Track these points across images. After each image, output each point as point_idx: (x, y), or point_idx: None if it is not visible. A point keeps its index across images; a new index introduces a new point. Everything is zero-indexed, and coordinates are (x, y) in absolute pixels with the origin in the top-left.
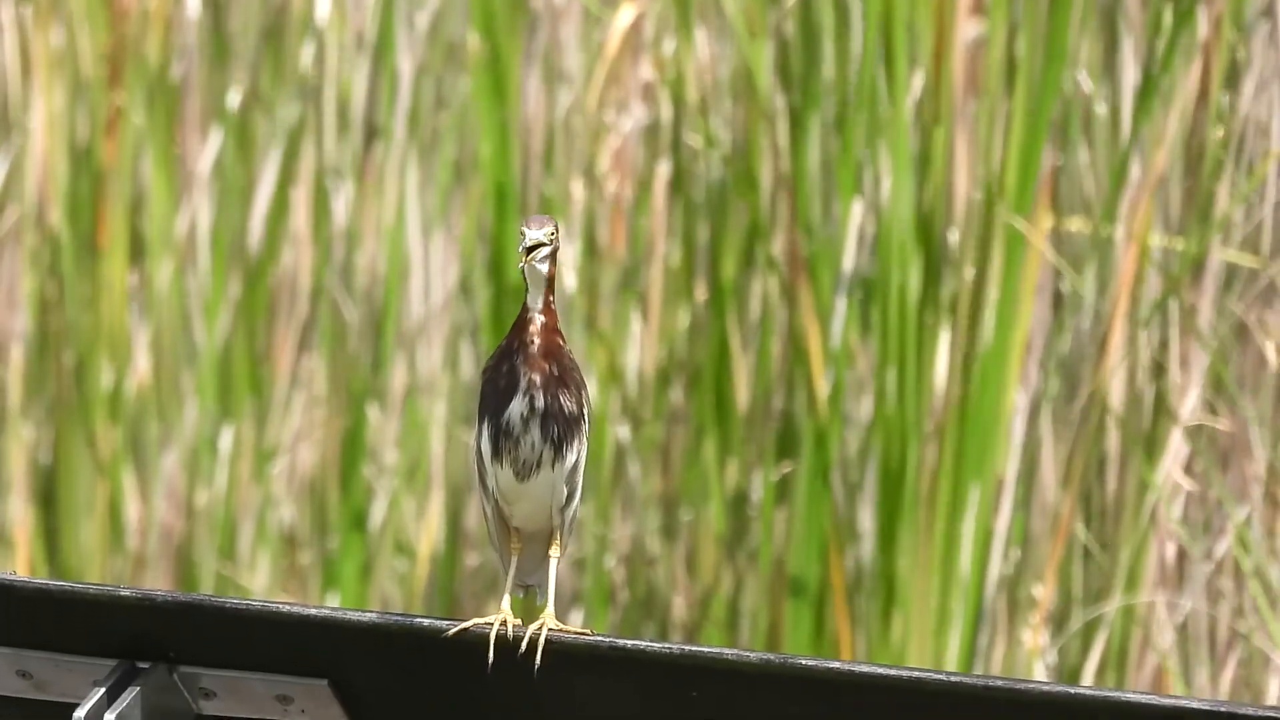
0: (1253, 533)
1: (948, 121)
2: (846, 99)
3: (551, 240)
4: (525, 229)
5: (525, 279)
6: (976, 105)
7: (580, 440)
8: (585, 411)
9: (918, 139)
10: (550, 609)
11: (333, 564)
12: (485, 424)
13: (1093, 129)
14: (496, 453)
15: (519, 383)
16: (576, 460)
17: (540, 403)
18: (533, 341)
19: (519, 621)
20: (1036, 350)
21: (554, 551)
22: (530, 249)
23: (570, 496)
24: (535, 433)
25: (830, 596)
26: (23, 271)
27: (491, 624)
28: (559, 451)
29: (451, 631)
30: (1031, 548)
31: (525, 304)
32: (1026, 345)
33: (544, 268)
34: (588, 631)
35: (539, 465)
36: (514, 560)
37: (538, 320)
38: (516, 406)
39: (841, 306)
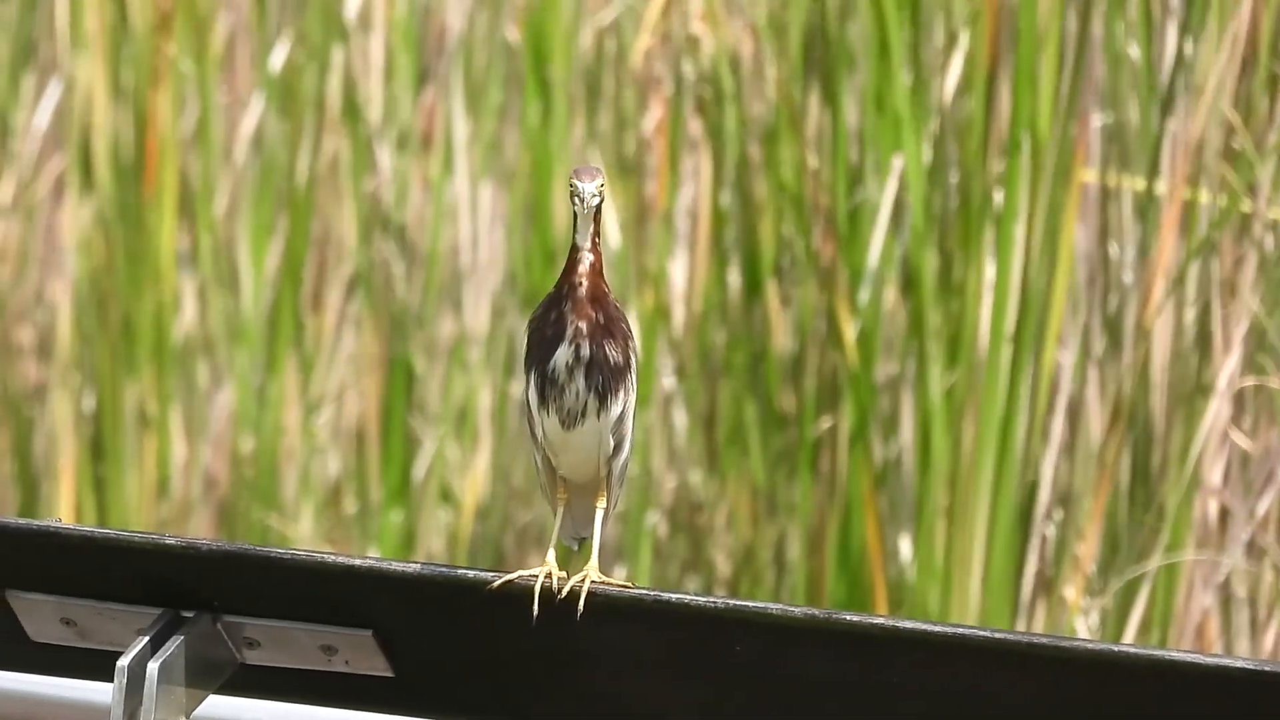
0: None
1: (986, 74)
2: (887, 51)
3: (600, 192)
4: (577, 181)
5: (576, 221)
6: (1016, 57)
7: (627, 391)
8: (632, 362)
9: (958, 92)
10: (594, 561)
11: (377, 515)
12: (532, 372)
13: (1135, 82)
14: (543, 401)
15: (565, 331)
16: (623, 411)
17: (585, 351)
18: (580, 284)
19: (564, 574)
20: (1079, 308)
21: (600, 503)
22: (593, 203)
23: (618, 447)
24: (580, 381)
25: (870, 553)
26: (70, 221)
27: (536, 576)
28: (604, 402)
29: (496, 583)
30: (1074, 505)
31: (574, 243)
32: (1069, 303)
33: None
34: (630, 584)
35: (584, 414)
36: (560, 511)
37: (586, 260)
38: (562, 354)
39: (877, 262)
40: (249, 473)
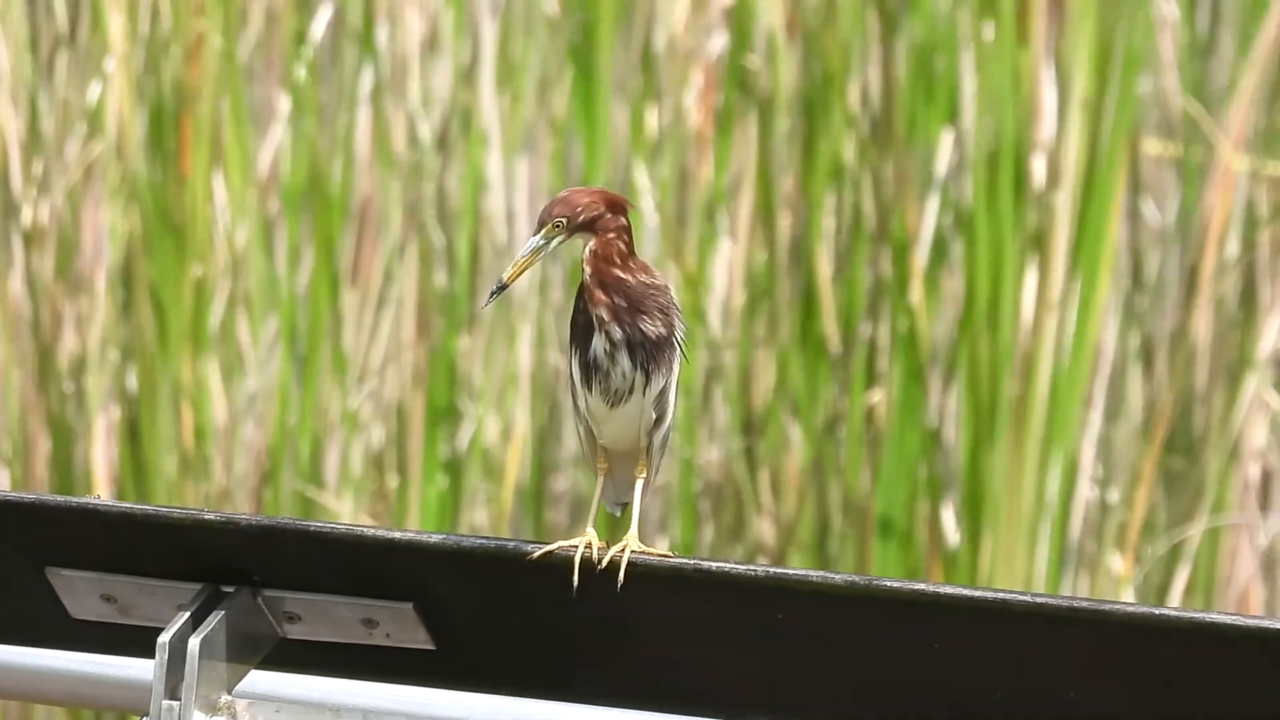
0: None
1: (1034, 45)
2: (934, 23)
3: (546, 238)
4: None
5: None
6: (1063, 28)
7: (670, 364)
8: (677, 329)
9: (1004, 63)
10: (634, 530)
11: (419, 488)
12: (575, 354)
13: (1183, 53)
14: (587, 381)
15: (591, 319)
16: (666, 384)
17: (617, 334)
18: (586, 273)
19: (604, 544)
20: (1125, 276)
21: (642, 474)
22: (499, 288)
23: (660, 419)
24: (625, 362)
25: (917, 523)
26: (107, 201)
27: (576, 546)
28: (650, 378)
29: (536, 554)
30: (1118, 472)
31: None
32: (1115, 271)
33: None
34: (671, 554)
35: (630, 392)
36: (601, 480)
37: (587, 250)
38: (598, 343)
39: (929, 233)
40: (290, 447)
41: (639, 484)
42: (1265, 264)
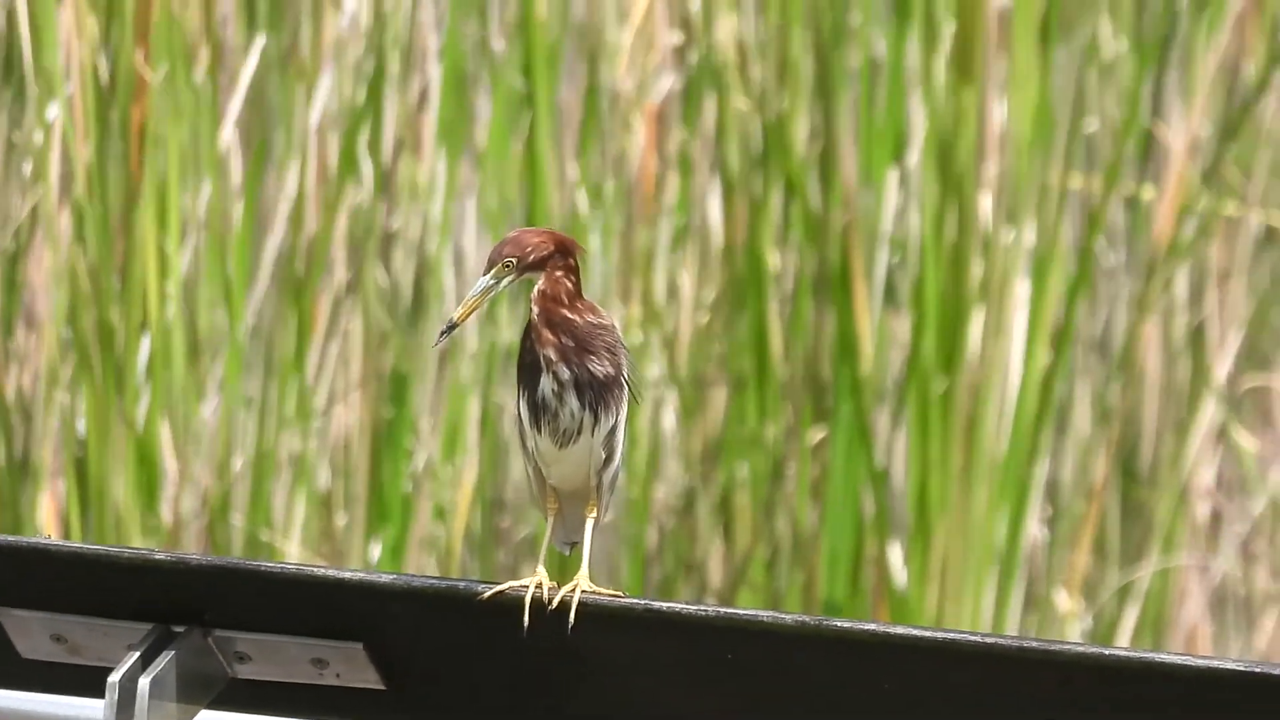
0: None
1: (979, 81)
2: (875, 64)
3: (496, 278)
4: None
5: None
6: (1008, 65)
7: (618, 403)
8: (623, 367)
9: (948, 101)
10: (584, 570)
11: (368, 528)
12: (523, 395)
13: (1126, 89)
14: (535, 422)
15: (539, 359)
16: (615, 423)
17: (565, 375)
18: (534, 311)
19: (554, 584)
20: (1073, 313)
21: (591, 514)
22: (449, 328)
23: (609, 458)
24: (573, 403)
25: (865, 561)
26: (57, 240)
27: (527, 586)
28: (598, 418)
29: (487, 594)
30: (1066, 511)
31: None
32: (1062, 307)
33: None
34: (621, 594)
35: (579, 432)
36: (551, 520)
37: (535, 289)
38: (545, 383)
39: (880, 273)
40: (239, 487)
41: (589, 523)
42: (1214, 304)
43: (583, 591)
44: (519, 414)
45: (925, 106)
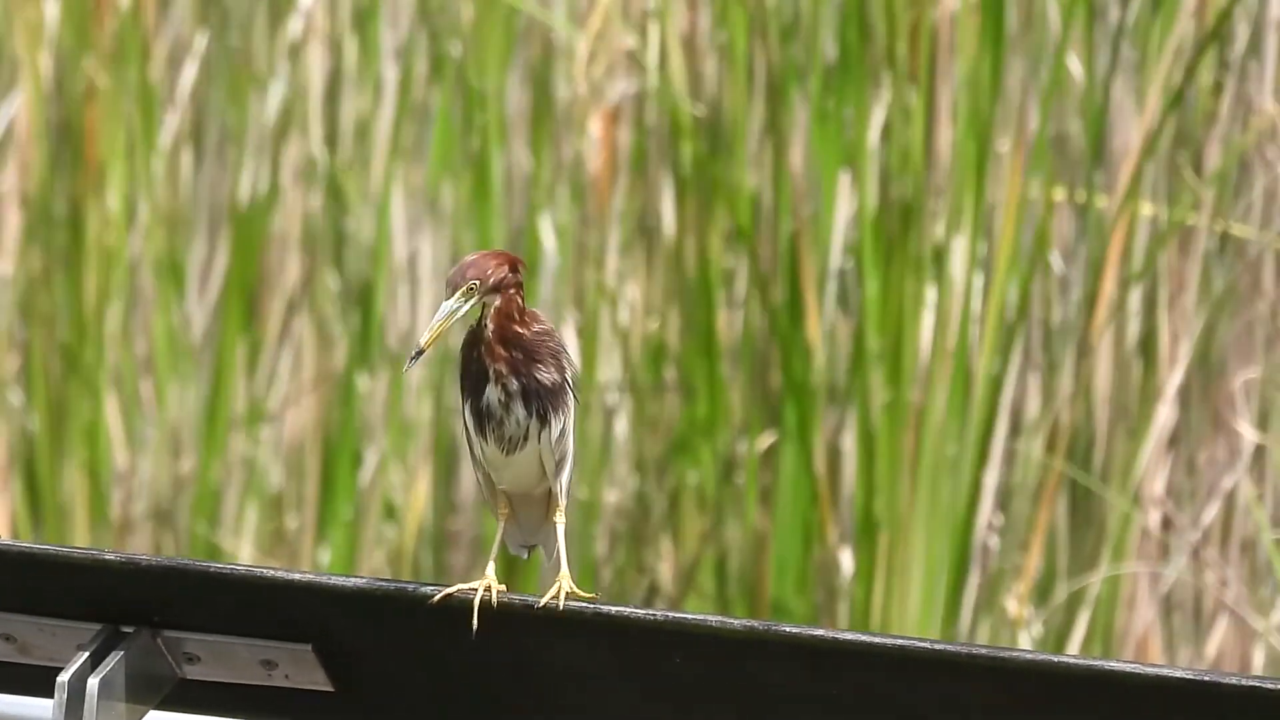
0: (1239, 501)
1: (927, 86)
2: (826, 66)
3: (459, 303)
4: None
5: None
6: (959, 69)
7: (566, 408)
8: (568, 377)
9: (898, 104)
10: (565, 571)
11: (319, 529)
12: (467, 402)
13: (1078, 96)
14: (481, 430)
15: (487, 370)
16: (563, 428)
17: (514, 385)
18: (489, 331)
19: (504, 587)
20: (1023, 319)
21: (559, 518)
22: (417, 353)
23: (560, 463)
24: (519, 410)
25: (813, 566)
26: (7, 237)
27: (476, 589)
28: (545, 423)
29: (436, 597)
30: (1016, 518)
31: None
32: (1012, 313)
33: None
34: (598, 597)
35: (525, 438)
36: (502, 525)
37: (492, 310)
38: (492, 393)
39: (830, 278)
40: (189, 488)
41: (559, 528)
42: (1165, 311)
43: (567, 594)
44: (465, 423)
45: (876, 109)
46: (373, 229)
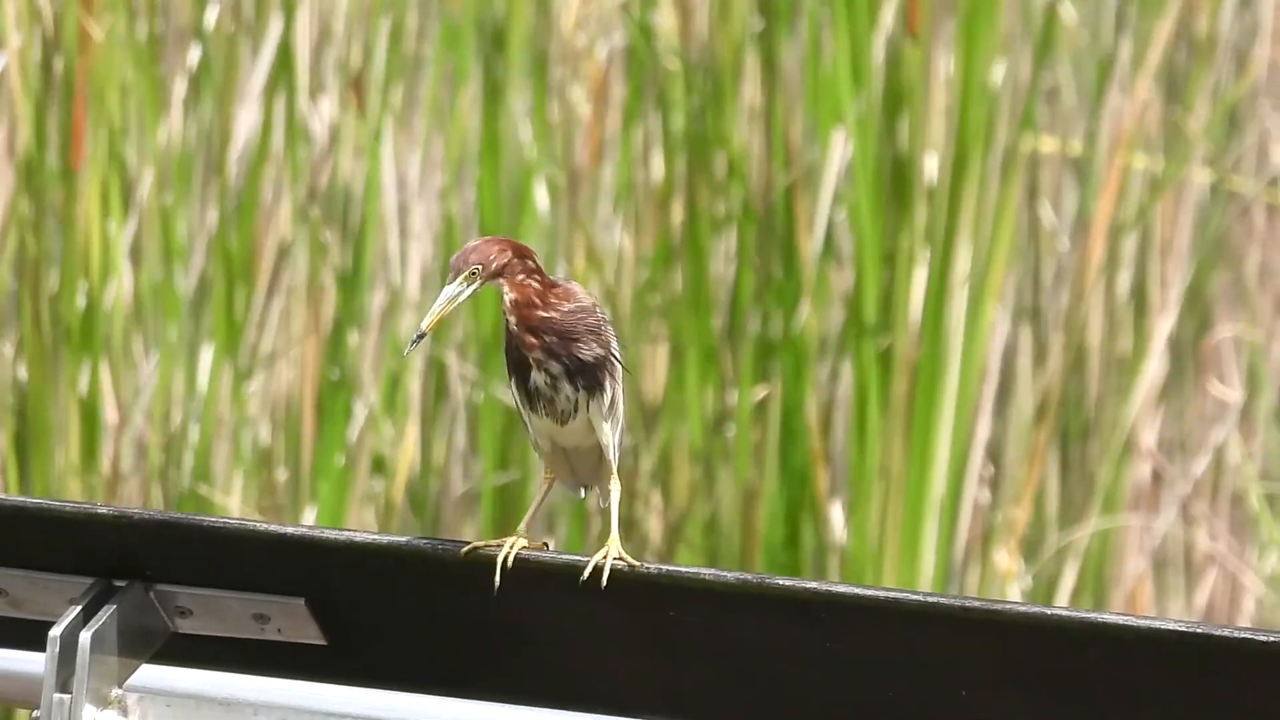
0: (1229, 454)
1: (925, 40)
2: (819, 20)
3: (463, 286)
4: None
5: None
6: (954, 23)
7: (612, 379)
8: (611, 344)
9: (893, 59)
10: (615, 535)
11: (308, 483)
12: (514, 381)
13: (1073, 48)
14: (532, 406)
15: (527, 359)
16: (613, 397)
17: (556, 369)
18: (512, 325)
19: (525, 542)
20: (1015, 272)
21: (614, 485)
22: (419, 337)
23: (614, 426)
24: (567, 388)
25: (805, 518)
26: None
27: (501, 545)
28: (593, 395)
29: (464, 550)
30: (1007, 470)
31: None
32: (1005, 267)
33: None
34: (639, 563)
35: (576, 410)
36: (545, 488)
37: (507, 299)
38: (536, 377)
39: (820, 231)
40: (180, 442)
41: (614, 494)
42: (1156, 264)
43: (615, 558)
44: (515, 401)
45: (872, 62)
46: (364, 182)
